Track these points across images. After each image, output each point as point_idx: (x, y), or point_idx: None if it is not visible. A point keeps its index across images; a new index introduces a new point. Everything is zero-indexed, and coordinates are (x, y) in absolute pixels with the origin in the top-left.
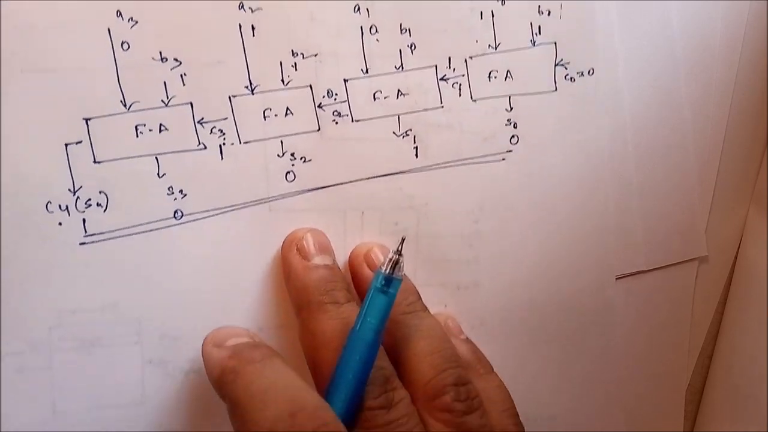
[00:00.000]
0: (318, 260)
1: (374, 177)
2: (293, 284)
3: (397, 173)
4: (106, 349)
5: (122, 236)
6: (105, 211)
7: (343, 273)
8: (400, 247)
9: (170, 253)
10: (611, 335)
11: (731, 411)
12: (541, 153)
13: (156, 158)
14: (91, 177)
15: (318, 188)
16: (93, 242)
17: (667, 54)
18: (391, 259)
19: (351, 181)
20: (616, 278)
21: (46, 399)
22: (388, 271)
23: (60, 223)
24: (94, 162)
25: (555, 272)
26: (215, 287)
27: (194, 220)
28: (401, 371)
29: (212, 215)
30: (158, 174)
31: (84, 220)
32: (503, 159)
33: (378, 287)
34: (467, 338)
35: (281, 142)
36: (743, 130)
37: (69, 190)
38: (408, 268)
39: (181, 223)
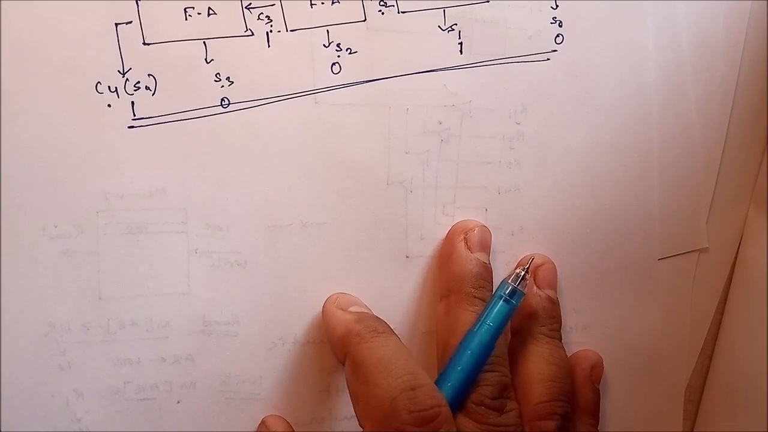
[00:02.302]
0: (479, 256)
1: (419, 72)
2: (452, 268)
3: (441, 69)
4: (153, 236)
5: (170, 122)
6: (153, 94)
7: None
8: (528, 267)
9: (217, 141)
10: (650, 246)
11: (731, 411)
12: (587, 54)
13: (204, 43)
14: (141, 58)
15: (363, 81)
16: (141, 126)
17: (673, 52)
18: (518, 275)
19: (396, 76)
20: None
21: (92, 284)
22: (515, 284)
23: (109, 105)
24: (144, 44)
25: (598, 178)
26: (260, 178)
27: (241, 109)
28: (516, 381)
29: (259, 105)
30: (206, 59)
31: (133, 103)
32: (548, 59)
33: (502, 296)
34: (599, 390)
35: (327, 31)
36: (745, 127)
37: (118, 71)
38: (450, 169)
39: (228, 112)
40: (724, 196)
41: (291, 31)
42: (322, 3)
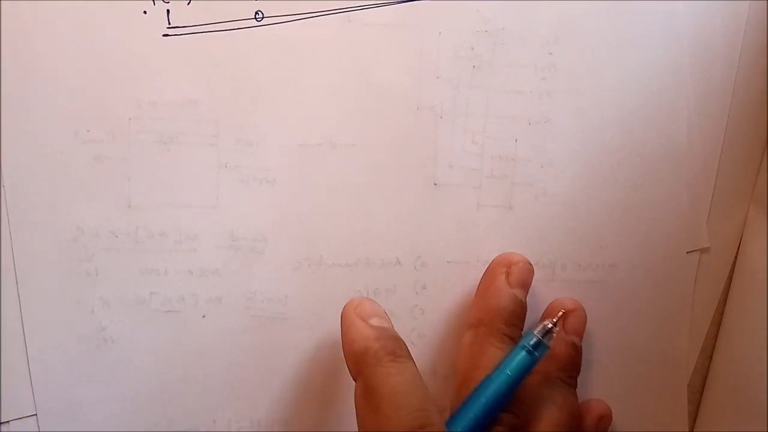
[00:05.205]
0: (517, 293)
1: None
2: (489, 300)
3: None
4: (183, 147)
5: (204, 32)
6: (188, 3)
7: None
8: (556, 320)
9: (250, 55)
10: (679, 184)
11: (731, 411)
12: None
13: None
14: None
15: (397, 2)
16: (176, 35)
17: (672, 52)
18: (545, 327)
19: None
20: None
21: (122, 191)
22: (541, 336)
23: (144, 12)
24: None
25: (628, 114)
26: (291, 95)
27: (274, 24)
28: (529, 423)
29: (292, 20)
30: None
31: (168, 11)
32: None
33: (525, 346)
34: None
35: None
36: (744, 127)
37: None
38: (481, 97)
39: (261, 25)
40: (724, 196)
41: None
42: None
